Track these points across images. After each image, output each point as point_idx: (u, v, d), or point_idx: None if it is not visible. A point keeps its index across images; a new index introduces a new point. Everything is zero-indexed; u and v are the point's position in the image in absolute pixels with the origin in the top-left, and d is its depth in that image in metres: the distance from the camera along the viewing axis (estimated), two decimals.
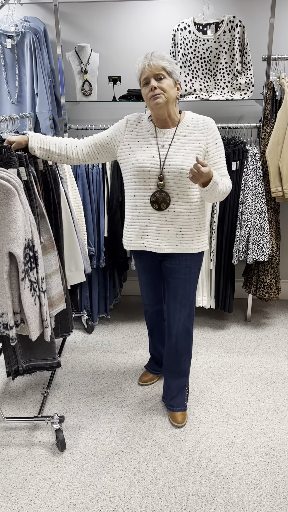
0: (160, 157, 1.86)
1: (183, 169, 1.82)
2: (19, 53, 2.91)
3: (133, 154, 1.89)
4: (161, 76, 1.77)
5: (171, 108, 1.84)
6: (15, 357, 2.02)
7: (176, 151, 1.85)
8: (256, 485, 1.85)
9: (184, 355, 2.17)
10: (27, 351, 2.03)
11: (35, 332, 1.73)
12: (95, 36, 3.09)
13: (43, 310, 1.77)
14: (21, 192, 1.60)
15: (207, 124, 1.89)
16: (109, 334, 3.10)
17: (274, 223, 2.94)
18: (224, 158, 1.93)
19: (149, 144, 1.89)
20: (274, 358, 2.77)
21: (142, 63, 1.79)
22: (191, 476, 1.90)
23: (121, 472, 1.92)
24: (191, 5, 2.97)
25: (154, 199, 1.88)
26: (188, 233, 1.94)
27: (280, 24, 2.96)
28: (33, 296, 1.70)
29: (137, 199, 1.93)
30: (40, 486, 1.85)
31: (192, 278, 2.05)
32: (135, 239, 2.00)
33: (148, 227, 1.95)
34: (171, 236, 1.94)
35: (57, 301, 1.94)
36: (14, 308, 1.67)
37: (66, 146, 1.95)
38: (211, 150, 1.89)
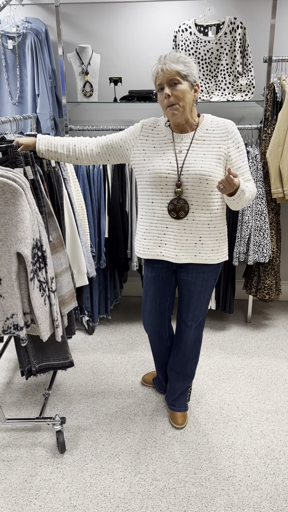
0: (178, 162, 1.77)
1: (202, 175, 1.74)
2: (20, 54, 2.91)
3: (149, 160, 1.82)
4: (176, 81, 1.68)
5: (188, 114, 1.76)
6: (28, 358, 2.02)
7: (195, 156, 1.77)
8: (256, 486, 1.85)
9: (192, 359, 2.16)
10: (40, 351, 2.03)
11: (46, 333, 1.73)
12: (96, 37, 3.09)
13: (53, 310, 1.76)
14: (28, 191, 1.60)
15: (228, 127, 1.79)
16: (110, 335, 3.10)
17: (275, 224, 2.95)
18: (247, 162, 1.85)
19: (165, 150, 1.80)
20: (275, 360, 2.77)
21: (155, 67, 1.70)
22: (191, 477, 1.90)
23: (121, 473, 1.92)
24: (192, 7, 2.97)
25: (172, 207, 1.80)
26: (207, 243, 1.86)
27: (281, 26, 2.97)
28: (43, 296, 1.70)
29: (155, 206, 1.85)
30: (40, 487, 1.85)
31: (208, 290, 1.98)
32: (152, 248, 1.91)
33: (166, 236, 1.87)
34: (189, 245, 1.85)
35: (68, 299, 1.94)
36: (24, 309, 1.67)
37: (75, 147, 1.90)
38: (233, 154, 1.79)
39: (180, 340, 2.12)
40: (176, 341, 2.15)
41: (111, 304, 3.21)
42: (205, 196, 1.79)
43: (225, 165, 1.80)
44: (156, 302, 2.08)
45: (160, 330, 2.17)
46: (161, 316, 2.12)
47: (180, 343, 2.13)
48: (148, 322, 2.16)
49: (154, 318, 2.12)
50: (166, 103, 1.71)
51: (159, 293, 2.06)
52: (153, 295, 2.07)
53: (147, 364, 2.73)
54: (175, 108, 1.70)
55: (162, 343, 2.22)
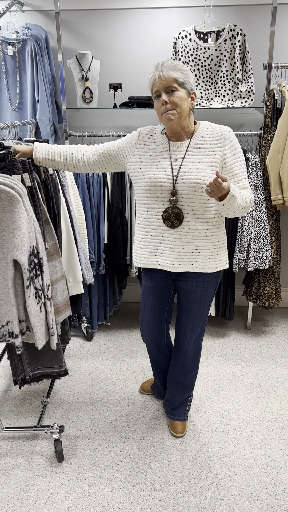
0: (173, 171, 1.76)
1: (197, 183, 1.71)
2: (20, 60, 2.91)
3: (145, 168, 1.80)
4: (173, 89, 1.66)
5: (184, 122, 1.74)
6: (22, 366, 2.00)
7: (190, 164, 1.74)
8: (257, 496, 1.83)
9: (192, 370, 2.13)
10: (34, 359, 2.02)
11: (41, 340, 1.72)
12: (96, 44, 3.10)
13: (49, 318, 1.75)
14: (25, 198, 1.60)
15: (224, 133, 1.76)
16: (109, 341, 3.08)
17: (275, 230, 2.94)
18: (244, 169, 1.79)
19: (161, 158, 1.79)
20: (275, 367, 2.75)
21: (152, 74, 1.69)
22: (191, 487, 1.88)
23: (120, 483, 1.90)
24: (192, 14, 2.98)
25: (166, 215, 1.78)
26: (205, 251, 1.83)
27: (280, 33, 2.97)
28: (39, 304, 1.69)
29: (150, 215, 1.83)
30: (38, 497, 1.83)
31: (208, 299, 1.96)
32: (148, 256, 1.90)
33: (162, 245, 1.85)
34: (186, 254, 1.83)
35: (63, 308, 1.92)
36: (20, 316, 1.65)
37: (72, 155, 1.88)
38: (229, 161, 1.76)
39: (180, 352, 2.09)
40: (176, 353, 2.12)
41: (110, 310, 3.20)
42: (200, 205, 1.76)
43: (221, 172, 1.77)
44: (155, 312, 2.06)
45: (158, 339, 2.14)
46: (159, 326, 2.10)
47: (179, 354, 2.10)
48: (146, 332, 2.13)
49: (153, 328, 2.10)
50: (163, 109, 1.69)
51: (158, 303, 2.04)
52: (151, 305, 2.05)
53: (146, 372, 2.70)
54: (171, 113, 1.68)
55: (161, 351, 2.20)
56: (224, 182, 1.56)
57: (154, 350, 2.19)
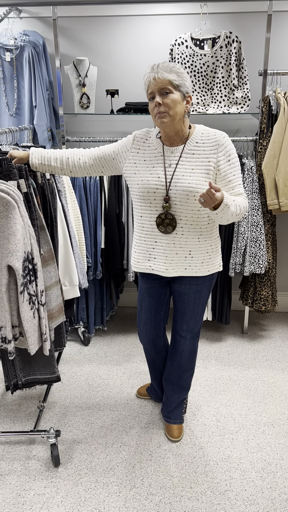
0: (166, 177, 1.75)
1: (190, 191, 1.71)
2: (18, 66, 2.93)
3: (139, 173, 1.80)
4: (167, 91, 1.65)
5: (178, 125, 1.72)
6: (14, 371, 2.00)
7: (183, 171, 1.74)
8: (253, 501, 1.83)
9: (188, 370, 2.14)
10: (26, 365, 2.02)
11: (34, 346, 1.72)
12: (93, 50, 3.12)
13: (42, 324, 1.75)
14: (21, 204, 1.60)
15: (218, 139, 1.74)
16: (106, 346, 3.09)
17: (271, 235, 2.95)
18: (239, 176, 1.77)
19: (155, 164, 1.78)
20: (271, 371, 2.76)
21: (148, 75, 1.68)
22: (187, 491, 1.88)
23: (116, 487, 1.90)
24: (188, 21, 3.02)
25: (159, 221, 1.78)
26: (198, 256, 1.84)
27: (276, 40, 3.01)
28: (32, 310, 1.69)
29: (143, 220, 1.84)
30: (34, 501, 1.83)
31: (202, 301, 1.97)
32: (142, 261, 1.91)
33: (155, 250, 1.86)
34: (179, 259, 1.84)
35: (56, 313, 1.93)
36: (13, 322, 1.66)
37: (68, 160, 1.89)
38: (223, 167, 1.74)
39: (176, 351, 2.11)
40: (171, 352, 2.14)
41: (107, 315, 3.20)
42: (193, 212, 1.76)
43: (214, 178, 1.76)
44: (151, 312, 2.08)
45: (155, 340, 2.16)
46: (156, 326, 2.12)
47: (175, 354, 2.12)
48: (143, 332, 2.16)
49: (149, 328, 2.12)
50: (156, 111, 1.68)
51: (154, 304, 2.06)
52: (148, 305, 2.07)
53: (143, 376, 2.71)
54: (165, 116, 1.67)
55: (157, 352, 2.21)
56: (217, 192, 1.55)
57: (151, 351, 2.21)
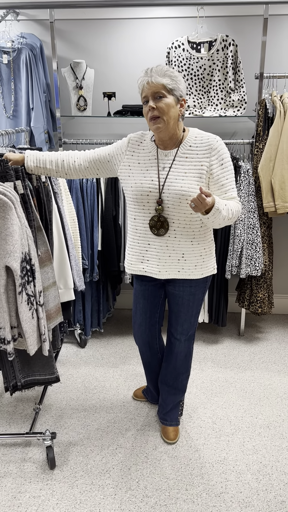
0: (160, 180, 1.76)
1: (182, 195, 1.72)
2: (15, 69, 2.94)
3: (133, 176, 1.81)
4: (161, 95, 1.65)
5: (172, 129, 1.72)
6: (13, 372, 2.00)
7: (176, 175, 1.74)
8: (248, 503, 1.83)
9: (183, 373, 2.15)
10: (25, 366, 2.01)
11: (33, 347, 1.72)
12: (90, 53, 3.13)
13: (41, 324, 1.75)
14: (18, 205, 1.61)
15: (211, 143, 1.74)
16: (102, 348, 3.09)
17: (267, 238, 2.96)
18: (232, 180, 1.77)
19: (149, 167, 1.79)
20: (267, 373, 2.76)
21: (142, 79, 1.68)
22: (182, 494, 1.88)
23: (112, 489, 1.90)
24: (185, 24, 3.03)
25: (152, 223, 1.79)
26: (191, 259, 1.84)
27: (272, 43, 3.03)
28: (31, 310, 1.69)
29: (137, 222, 1.85)
30: (29, 504, 1.82)
31: (196, 303, 1.98)
32: (135, 263, 1.92)
33: (148, 252, 1.87)
34: (172, 261, 1.84)
35: (54, 314, 1.93)
36: (12, 322, 1.66)
37: (63, 162, 1.89)
38: (216, 171, 1.74)
39: (171, 353, 2.11)
40: (167, 355, 2.14)
41: (104, 317, 3.20)
42: (186, 215, 1.77)
43: (207, 182, 1.76)
44: (146, 314, 2.09)
45: (150, 341, 2.16)
46: (151, 328, 2.12)
47: (170, 356, 2.12)
48: (138, 334, 2.16)
49: (144, 330, 2.13)
50: (150, 115, 1.69)
51: (149, 306, 2.06)
52: (142, 307, 2.07)
53: (139, 378, 2.71)
54: (158, 121, 1.68)
55: (153, 354, 2.21)
56: (208, 197, 1.55)
57: (146, 353, 2.21)
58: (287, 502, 1.83)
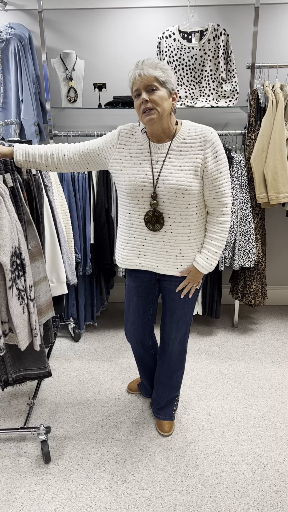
0: (154, 174, 1.73)
1: (178, 189, 1.69)
2: (3, 60, 2.89)
3: (125, 170, 1.77)
4: (153, 87, 1.62)
5: (165, 122, 1.69)
6: (5, 367, 1.98)
7: (171, 168, 1.71)
8: (243, 493, 1.84)
9: (178, 370, 2.14)
10: (17, 360, 2.00)
11: (24, 341, 1.71)
12: (80, 43, 3.09)
13: (32, 319, 1.74)
14: (7, 199, 1.58)
15: (206, 135, 1.71)
16: (96, 342, 3.08)
17: (260, 229, 2.96)
18: (226, 174, 1.74)
19: (142, 160, 1.75)
20: (261, 364, 2.77)
21: (133, 72, 1.64)
22: (178, 485, 1.88)
23: (107, 482, 1.90)
24: (175, 14, 2.99)
25: (148, 218, 1.76)
26: (189, 255, 1.83)
27: (263, 33, 3.00)
28: (21, 305, 1.67)
29: (132, 217, 1.82)
30: (25, 498, 1.82)
31: (192, 299, 1.97)
32: (131, 258, 1.89)
33: (145, 247, 1.84)
34: (170, 258, 1.82)
35: (45, 309, 1.92)
36: (2, 317, 1.64)
37: (53, 156, 1.84)
38: (210, 165, 1.71)
39: (165, 352, 2.09)
40: (161, 353, 2.13)
41: (98, 310, 3.19)
42: (182, 210, 1.74)
43: (202, 175, 1.73)
44: (139, 312, 2.05)
45: (143, 339, 2.14)
46: (144, 326, 2.10)
47: (165, 355, 2.10)
48: (131, 332, 2.13)
49: (137, 328, 2.10)
50: (143, 108, 1.65)
51: (142, 303, 2.03)
52: (136, 305, 2.04)
53: (133, 371, 2.71)
54: (152, 113, 1.64)
55: (146, 351, 2.20)
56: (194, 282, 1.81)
57: (139, 350, 2.19)
58: (281, 491, 1.84)
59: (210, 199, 1.77)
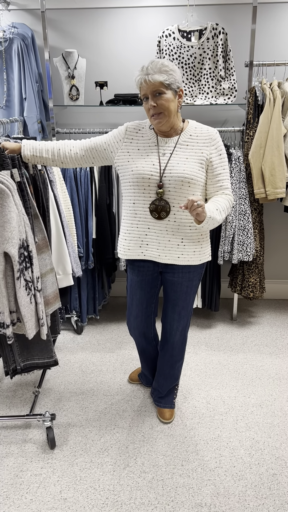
0: (161, 164, 1.82)
1: (184, 177, 1.78)
2: (7, 59, 2.95)
3: (133, 161, 1.85)
4: (160, 92, 1.72)
5: (173, 121, 1.81)
6: (13, 356, 2.05)
7: (178, 160, 1.81)
8: (241, 476, 1.91)
9: (179, 360, 2.21)
10: (24, 350, 2.07)
11: (32, 331, 1.77)
12: (82, 42, 3.15)
13: (39, 309, 1.80)
14: (15, 193, 1.65)
15: (211, 134, 1.85)
16: (98, 334, 3.15)
17: (258, 224, 3.03)
18: (227, 170, 1.88)
19: (149, 152, 1.85)
20: (259, 355, 2.85)
21: (139, 77, 1.73)
22: (178, 469, 1.95)
23: (111, 467, 1.97)
24: (175, 13, 3.05)
25: (153, 207, 1.83)
26: (190, 245, 1.90)
27: (261, 31, 3.06)
28: (29, 295, 1.74)
29: (136, 207, 1.89)
30: (31, 481, 1.89)
31: (193, 290, 2.04)
32: (133, 248, 1.95)
33: (148, 236, 1.91)
34: (172, 246, 1.89)
35: (52, 300, 1.98)
36: (10, 307, 1.71)
37: (59, 151, 1.93)
38: (215, 161, 1.84)
39: (167, 343, 2.16)
40: (163, 344, 2.19)
41: (100, 304, 3.26)
42: (186, 199, 1.83)
43: (206, 169, 1.84)
44: (143, 305, 2.12)
45: (146, 332, 2.21)
46: (147, 319, 2.16)
47: (167, 346, 2.17)
48: (134, 326, 2.19)
49: (141, 321, 2.16)
50: (151, 112, 1.76)
51: (146, 296, 2.09)
52: (139, 298, 2.10)
53: (135, 362, 2.78)
54: (161, 117, 1.75)
55: (148, 343, 2.27)
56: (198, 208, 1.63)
57: (142, 342, 2.26)
58: (278, 474, 1.92)
59: (213, 192, 1.89)
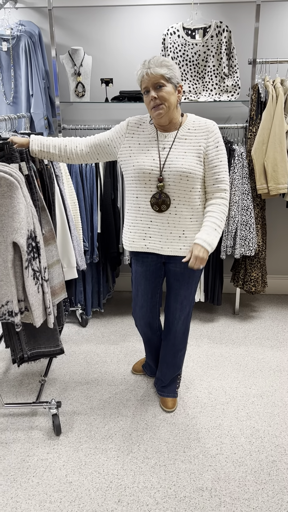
0: (160, 159, 1.88)
1: (183, 172, 1.84)
2: (14, 56, 3.01)
3: (134, 156, 1.92)
4: (161, 84, 1.78)
5: (172, 114, 1.86)
6: (20, 345, 2.12)
7: (177, 154, 1.87)
8: (242, 462, 1.97)
9: (181, 349, 2.27)
10: (31, 339, 2.13)
11: (39, 319, 1.84)
12: (88, 40, 3.20)
13: (46, 298, 1.87)
14: (23, 185, 1.71)
15: (209, 127, 1.90)
16: (103, 327, 3.21)
17: (260, 219, 3.07)
18: (225, 162, 1.91)
19: (150, 147, 1.90)
20: (261, 348, 2.90)
21: (140, 71, 1.79)
22: (180, 455, 2.01)
23: (115, 452, 2.03)
24: (180, 11, 3.10)
25: (154, 200, 1.90)
26: (191, 236, 1.96)
27: (264, 29, 3.10)
28: (36, 285, 1.80)
29: (139, 201, 1.95)
30: (38, 466, 1.96)
31: (195, 280, 2.10)
32: (137, 240, 2.01)
33: (150, 229, 1.97)
34: (174, 238, 1.96)
35: (59, 290, 2.04)
36: (19, 296, 1.77)
37: (66, 147, 2.00)
38: (211, 153, 1.88)
39: (170, 332, 2.23)
40: (166, 333, 2.26)
41: (104, 297, 3.32)
42: (186, 192, 1.89)
43: (203, 162, 1.89)
44: (148, 295, 2.18)
45: (151, 322, 2.27)
46: (152, 309, 2.23)
47: (169, 334, 2.23)
48: (139, 316, 2.26)
49: (146, 311, 2.23)
50: (152, 104, 1.81)
51: (150, 286, 2.16)
52: (144, 289, 2.17)
53: (138, 354, 2.84)
54: (161, 108, 1.80)
55: (153, 333, 2.33)
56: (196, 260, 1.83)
57: (148, 332, 2.32)
58: (277, 461, 1.97)
59: (210, 185, 1.93)
